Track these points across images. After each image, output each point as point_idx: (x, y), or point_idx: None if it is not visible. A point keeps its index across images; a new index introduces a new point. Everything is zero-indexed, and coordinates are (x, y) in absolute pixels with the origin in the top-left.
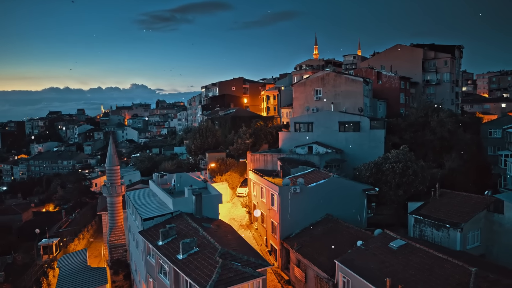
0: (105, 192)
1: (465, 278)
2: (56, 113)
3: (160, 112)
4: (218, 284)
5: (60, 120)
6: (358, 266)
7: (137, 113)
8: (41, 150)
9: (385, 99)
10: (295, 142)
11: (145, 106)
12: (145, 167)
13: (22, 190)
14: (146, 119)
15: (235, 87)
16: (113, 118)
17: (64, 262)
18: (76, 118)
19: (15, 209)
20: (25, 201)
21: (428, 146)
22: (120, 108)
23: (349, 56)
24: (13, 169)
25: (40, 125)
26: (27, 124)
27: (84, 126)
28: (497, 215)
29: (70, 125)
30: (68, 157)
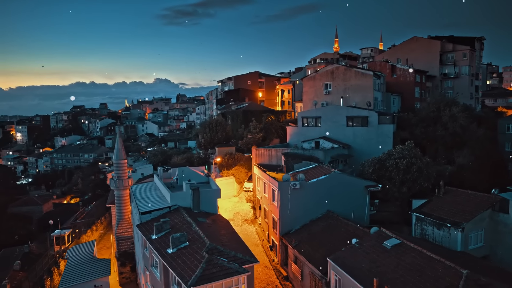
0: (113, 185)
1: (456, 280)
2: (79, 107)
3: (180, 106)
4: (201, 279)
5: (83, 114)
6: (349, 264)
7: (157, 107)
8: (65, 143)
9: (400, 93)
10: (302, 137)
11: (166, 100)
12: (158, 160)
13: (45, 182)
14: (166, 113)
15: (250, 81)
16: (134, 112)
17: (73, 253)
18: (98, 112)
19: (36, 200)
20: (48, 193)
21: (439, 141)
22: (142, 102)
23: (366, 49)
24: (38, 162)
25: (64, 119)
26: (52, 118)
27: (105, 120)
28: (502, 214)
29: (92, 119)
30: (89, 150)
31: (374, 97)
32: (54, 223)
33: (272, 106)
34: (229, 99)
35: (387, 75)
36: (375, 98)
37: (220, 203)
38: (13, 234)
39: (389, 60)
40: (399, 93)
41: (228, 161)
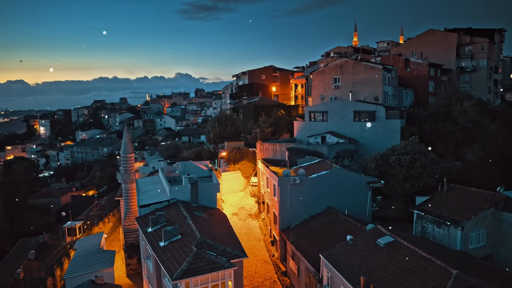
0: (120, 178)
1: (444, 281)
2: (100, 102)
3: (197, 101)
4: (186, 273)
5: (103, 109)
6: (340, 262)
7: (176, 101)
8: (85, 137)
9: (413, 87)
10: (310, 131)
11: (184, 94)
12: (169, 154)
13: (66, 175)
14: (184, 107)
15: (265, 75)
16: (153, 107)
17: (81, 244)
18: (118, 106)
19: (55, 192)
20: (67, 185)
21: (449, 137)
22: (160, 97)
23: (382, 42)
24: (59, 155)
25: (85, 114)
26: (73, 112)
27: (125, 115)
28: (506, 213)
29: (112, 114)
30: (107, 144)
31: (384, 91)
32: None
33: (287, 100)
34: (242, 93)
35: (400, 69)
36: (385, 92)
37: (226, 197)
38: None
39: (403, 54)
40: (413, 88)
41: (236, 156)
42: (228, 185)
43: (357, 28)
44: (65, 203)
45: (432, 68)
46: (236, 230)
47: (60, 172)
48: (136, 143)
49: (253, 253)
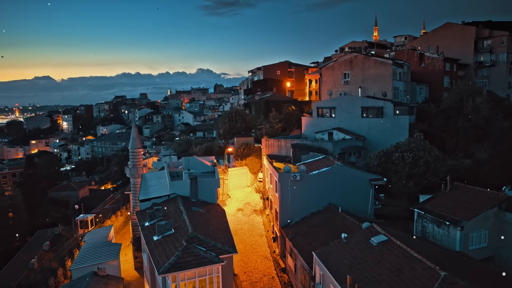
0: (128, 173)
1: (431, 282)
2: (121, 97)
3: (216, 96)
4: (174, 267)
5: (124, 104)
6: (332, 260)
7: (195, 97)
8: (105, 132)
9: (428, 82)
10: (317, 127)
11: (203, 90)
12: (182, 150)
13: (86, 169)
14: (203, 103)
15: (280, 71)
16: (172, 102)
17: (90, 236)
18: (138, 102)
19: (73, 186)
20: (87, 179)
21: (460, 134)
22: (180, 92)
23: (400, 37)
24: (80, 149)
25: (106, 109)
26: (95, 107)
27: (144, 110)
28: (509, 214)
29: (132, 109)
30: (126, 139)
31: (394, 86)
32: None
33: (302, 96)
34: (256, 89)
35: (414, 64)
36: (395, 88)
37: (233, 192)
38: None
39: (417, 48)
40: (427, 83)
41: (244, 151)
42: (235, 181)
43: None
44: (83, 196)
45: (447, 62)
46: (239, 225)
47: (81, 166)
48: (154, 138)
49: (254, 249)
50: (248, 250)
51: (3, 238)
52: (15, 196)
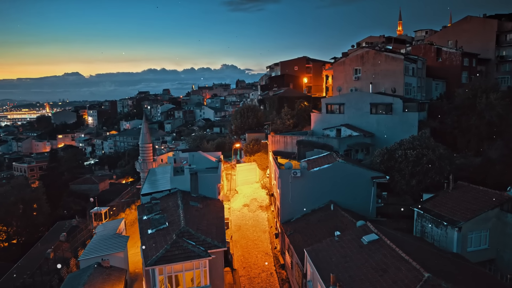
0: (138, 167)
1: (413, 283)
2: (144, 93)
3: (237, 92)
4: (161, 260)
5: (146, 100)
6: (321, 258)
7: (216, 93)
8: (128, 127)
9: (445, 78)
10: (326, 124)
11: (225, 86)
12: (196, 145)
13: (109, 163)
14: (224, 98)
15: (297, 66)
16: (193, 98)
17: (100, 228)
18: (160, 97)
19: (94, 179)
20: (109, 173)
21: (473, 132)
22: (202, 88)
23: (421, 31)
24: (103, 144)
25: (129, 104)
26: (119, 103)
27: (166, 105)
28: (510, 215)
29: (154, 104)
30: None
31: (406, 82)
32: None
33: (319, 92)
34: (272, 85)
35: (431, 59)
36: (407, 83)
37: (241, 188)
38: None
39: (435, 43)
40: (444, 79)
41: (254, 147)
42: (243, 177)
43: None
44: (103, 189)
45: (465, 57)
46: (244, 221)
47: (104, 160)
48: (174, 133)
49: (256, 244)
50: (250, 246)
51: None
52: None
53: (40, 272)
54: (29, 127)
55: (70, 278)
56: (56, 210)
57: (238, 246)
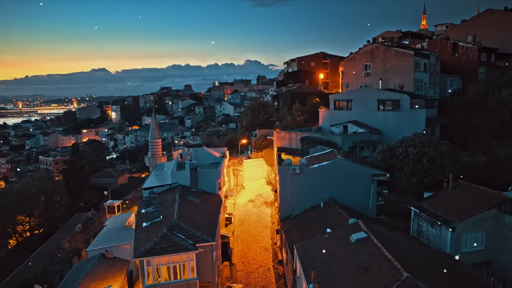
0: (147, 162)
1: (391, 283)
2: (166, 88)
3: (257, 88)
4: (149, 252)
5: (168, 95)
6: (309, 255)
7: (237, 88)
8: (150, 122)
9: (461, 74)
10: (334, 120)
11: (246, 81)
12: (209, 141)
13: (130, 157)
14: (244, 94)
15: (314, 62)
16: (214, 94)
17: (111, 221)
18: (182, 93)
19: (113, 173)
20: (129, 167)
21: (484, 129)
22: (223, 83)
23: (441, 25)
24: (125, 139)
25: (151, 100)
26: (141, 98)
27: (187, 101)
28: (508, 216)
29: (175, 100)
30: (168, 129)
31: (417, 78)
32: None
33: (336, 88)
34: (288, 80)
35: (447, 54)
36: (418, 80)
37: (248, 184)
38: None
39: (451, 38)
40: (460, 74)
41: (262, 143)
42: (250, 172)
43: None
44: (121, 183)
45: (483, 52)
46: (248, 216)
47: (125, 154)
48: (193, 129)
49: (257, 240)
50: (251, 241)
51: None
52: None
53: (52, 261)
54: (56, 122)
55: (75, 267)
56: (76, 203)
57: (239, 241)
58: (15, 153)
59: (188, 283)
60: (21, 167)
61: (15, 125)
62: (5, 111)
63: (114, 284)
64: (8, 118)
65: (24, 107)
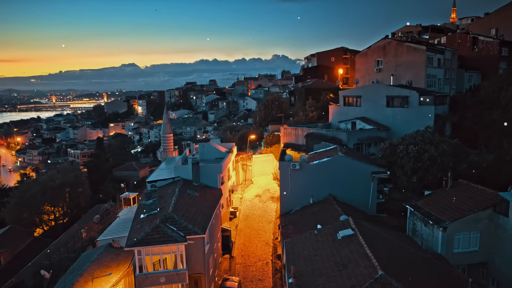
0: (159, 156)
1: (365, 280)
2: (191, 83)
3: (281, 83)
4: (140, 242)
5: (192, 90)
6: (295, 250)
7: (261, 83)
8: (175, 116)
9: (480, 69)
10: (343, 116)
11: (270, 76)
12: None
13: (153, 151)
14: (267, 89)
15: (334, 57)
16: (238, 89)
17: (124, 212)
18: (206, 88)
19: (135, 166)
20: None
21: (496, 127)
22: (247, 78)
23: (466, 19)
24: (150, 133)
25: (176, 95)
26: (166, 93)
27: (211, 96)
28: (502, 217)
29: (200, 95)
30: (191, 124)
31: (429, 74)
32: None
33: None
34: (306, 76)
35: (467, 49)
36: (430, 75)
37: (256, 179)
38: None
39: (471, 32)
40: (480, 70)
41: (273, 139)
42: (260, 167)
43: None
44: (143, 176)
45: (504, 47)
46: (253, 211)
47: (149, 148)
48: (215, 123)
49: (259, 234)
50: (253, 235)
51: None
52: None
53: (67, 249)
54: (86, 116)
55: (84, 255)
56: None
57: (241, 234)
58: (46, 145)
59: (177, 273)
60: (51, 159)
61: (47, 119)
62: (40, 105)
63: (118, 272)
64: (43, 112)
65: (58, 101)
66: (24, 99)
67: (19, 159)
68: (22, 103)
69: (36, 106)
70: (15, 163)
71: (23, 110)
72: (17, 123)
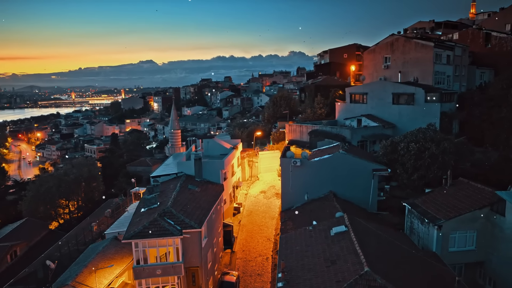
0: (167, 152)
1: (351, 276)
2: (206, 80)
3: (296, 80)
4: (137, 235)
5: (207, 87)
6: (289, 245)
7: (276, 80)
8: (189, 113)
9: (493, 66)
10: (350, 113)
11: (285, 73)
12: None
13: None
14: (282, 86)
15: (347, 54)
16: (253, 85)
17: (133, 207)
18: (221, 85)
19: (148, 162)
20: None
21: (505, 125)
22: (262, 75)
23: (482, 14)
24: (165, 129)
25: (191, 91)
26: (181, 90)
27: (225, 93)
28: (498, 216)
29: (214, 91)
30: (205, 120)
31: (437, 71)
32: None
33: None
34: (318, 73)
35: (479, 45)
36: (439, 72)
37: (262, 175)
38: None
39: (484, 27)
40: (493, 67)
41: (280, 136)
42: (266, 164)
43: None
44: None
45: None
46: (257, 207)
47: (163, 144)
48: (229, 120)
49: (261, 230)
50: (255, 231)
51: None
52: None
53: (77, 242)
54: (104, 112)
55: (90, 248)
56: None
57: (244, 230)
58: (64, 141)
59: (173, 266)
60: (69, 155)
61: (66, 115)
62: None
63: (121, 264)
64: (62, 108)
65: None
66: (45, 95)
67: (38, 154)
68: (43, 99)
69: (56, 102)
70: (35, 158)
71: (44, 106)
72: (38, 118)
